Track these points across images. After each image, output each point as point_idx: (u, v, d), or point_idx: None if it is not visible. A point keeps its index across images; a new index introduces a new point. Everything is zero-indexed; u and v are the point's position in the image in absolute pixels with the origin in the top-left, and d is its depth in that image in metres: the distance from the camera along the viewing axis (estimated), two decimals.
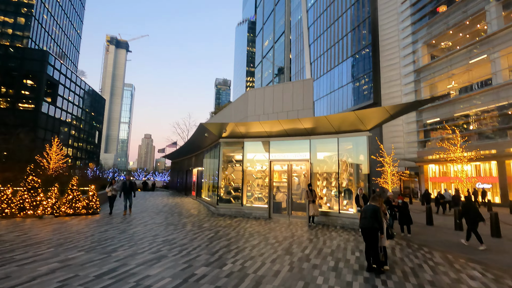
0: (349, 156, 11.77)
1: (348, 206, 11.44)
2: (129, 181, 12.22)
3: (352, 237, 8.77)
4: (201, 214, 12.99)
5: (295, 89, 16.14)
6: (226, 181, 14.54)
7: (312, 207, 10.95)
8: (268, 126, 12.19)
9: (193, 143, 19.41)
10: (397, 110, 9.20)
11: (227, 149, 14.47)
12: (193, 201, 19.25)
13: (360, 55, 44.27)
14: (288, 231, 9.52)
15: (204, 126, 12.75)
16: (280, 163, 13.20)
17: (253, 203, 13.36)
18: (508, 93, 24.34)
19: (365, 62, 43.45)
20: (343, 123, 10.89)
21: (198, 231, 8.88)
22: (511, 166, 24.20)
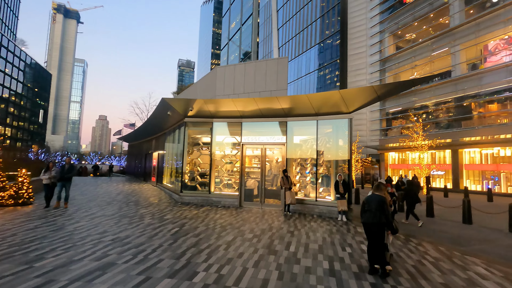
0: (329, 140, 10.96)
1: (325, 193, 10.72)
2: (68, 164, 9.89)
3: (334, 228, 7.99)
4: (162, 203, 11.40)
5: (269, 68, 14.86)
6: (191, 166, 13.00)
7: (288, 195, 10.00)
8: (242, 104, 10.83)
9: (153, 124, 17.31)
10: (386, 90, 8.44)
11: (193, 130, 12.85)
12: (153, 188, 17.38)
13: (329, 42, 44.12)
14: (264, 222, 8.46)
15: (167, 102, 10.97)
16: (253, 146, 12.01)
17: (222, 190, 12.09)
18: (464, 86, 25.66)
19: (333, 49, 43.44)
20: (325, 104, 9.94)
21: (159, 225, 7.40)
22: (463, 154, 25.88)
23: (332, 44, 43.48)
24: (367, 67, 36.81)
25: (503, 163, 23.08)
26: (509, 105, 22.97)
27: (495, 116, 24.18)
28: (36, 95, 78.20)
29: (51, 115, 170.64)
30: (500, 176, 23.15)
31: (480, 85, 24.52)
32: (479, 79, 24.70)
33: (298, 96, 10.17)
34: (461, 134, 25.23)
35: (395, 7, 33.26)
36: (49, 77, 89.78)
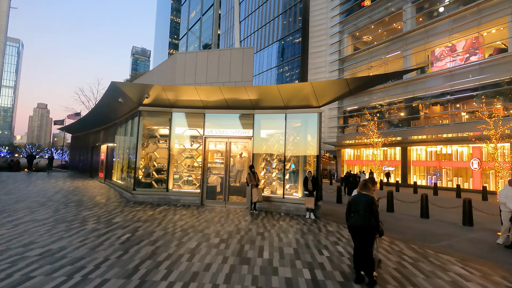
0: (297, 135, 10.53)
1: (293, 190, 10.30)
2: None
3: (305, 227, 7.55)
4: (111, 203, 9.96)
5: (234, 58, 14.00)
6: (146, 160, 11.64)
7: (255, 192, 9.35)
8: (205, 93, 9.85)
9: (102, 113, 15.33)
10: (358, 83, 8.19)
11: (149, 121, 11.49)
12: (101, 185, 15.47)
13: (290, 39, 44.46)
14: (230, 222, 7.69)
15: (118, 87, 9.51)
16: (217, 140, 11.11)
17: (181, 187, 11.00)
18: (414, 88, 27.56)
19: (294, 46, 43.89)
20: (295, 96, 9.44)
21: (105, 231, 6.19)
22: (411, 151, 27.91)
23: (293, 41, 43.86)
24: (327, 66, 37.76)
25: (445, 160, 25.33)
26: (451, 107, 25.20)
27: (438, 117, 26.40)
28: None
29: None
30: (442, 172, 25.39)
31: (427, 88, 26.52)
32: (426, 82, 26.69)
33: (267, 87, 9.52)
34: (409, 132, 27.11)
35: (354, 9, 34.47)
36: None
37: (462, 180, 23.94)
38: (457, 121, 24.62)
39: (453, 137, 24.11)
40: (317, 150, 9.74)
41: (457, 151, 24.63)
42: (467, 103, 24.36)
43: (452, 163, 24.84)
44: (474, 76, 23.04)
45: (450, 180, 24.73)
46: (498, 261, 5.53)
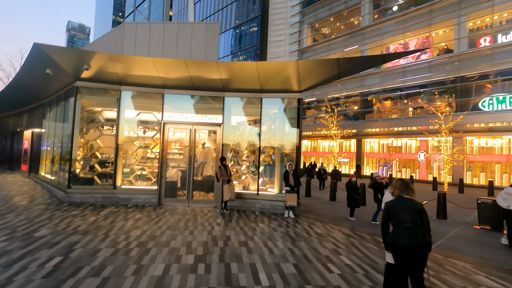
0: (273, 123, 9.30)
1: (268, 185, 9.12)
2: None
3: (291, 231, 6.42)
4: (35, 206, 7.59)
5: (196, 33, 12.18)
6: (86, 150, 9.32)
7: (227, 189, 7.92)
8: (166, 67, 7.97)
9: (24, 89, 12.12)
10: (350, 65, 7.21)
11: (89, 101, 9.14)
12: (24, 181, 12.39)
13: (249, 26, 42.86)
14: (200, 228, 6.18)
15: (45, 51, 7.07)
16: (179, 127, 9.32)
17: (133, 183, 9.02)
18: (369, 82, 28.47)
19: (253, 34, 42.42)
20: (274, 77, 8.14)
21: (21, 254, 4.22)
22: (365, 144, 29.00)
23: (252, 28, 42.36)
24: (285, 56, 37.17)
25: (395, 152, 26.78)
26: (403, 102, 26.58)
27: (391, 111, 27.72)
28: None
29: None
30: (392, 163, 26.84)
31: (381, 83, 27.56)
32: (380, 77, 27.71)
33: (244, 63, 8.08)
34: (365, 125, 28.05)
35: (314, 0, 34.24)
36: None
37: (409, 171, 25.57)
38: (408, 115, 26.07)
39: (403, 131, 25.51)
40: (297, 140, 8.66)
41: (406, 143, 26.18)
42: (417, 99, 25.88)
43: (401, 155, 26.36)
44: (423, 73, 24.46)
45: (399, 171, 26.26)
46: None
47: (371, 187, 7.85)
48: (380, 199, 7.61)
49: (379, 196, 7.64)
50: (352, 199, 8.03)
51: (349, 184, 8.15)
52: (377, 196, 7.68)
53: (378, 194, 7.68)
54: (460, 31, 22.75)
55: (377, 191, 7.74)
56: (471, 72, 22.18)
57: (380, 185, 7.81)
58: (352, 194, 8.04)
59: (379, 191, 7.72)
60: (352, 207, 8.11)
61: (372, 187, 7.83)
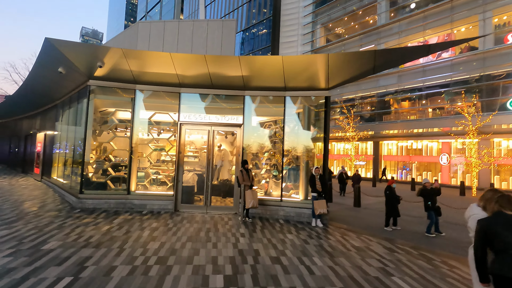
0: (298, 123, 8.63)
1: (292, 191, 8.42)
2: None
3: (324, 242, 5.71)
4: (46, 213, 7.11)
5: (212, 31, 11.66)
6: (99, 153, 8.86)
7: (250, 195, 7.26)
8: (183, 63, 7.42)
9: (37, 90, 11.82)
10: (387, 58, 6.47)
11: (103, 101, 8.68)
12: (36, 184, 12.07)
13: (260, 27, 42.42)
14: (224, 240, 5.54)
15: (56, 47, 6.61)
16: (196, 128, 8.75)
17: (147, 188, 8.47)
18: (385, 82, 27.46)
19: (264, 35, 41.94)
20: (300, 74, 7.47)
21: (26, 273, 3.66)
22: (383, 146, 27.92)
23: (263, 29, 41.90)
24: None
25: (415, 154, 25.62)
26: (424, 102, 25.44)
27: (408, 112, 26.60)
28: None
29: None
30: (412, 166, 25.68)
31: (399, 83, 26.51)
32: (397, 77, 26.66)
33: (269, 57, 7.46)
34: (382, 127, 27.00)
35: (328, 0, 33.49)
36: None
37: (431, 174, 24.37)
38: (428, 116, 24.92)
39: (424, 132, 24.37)
40: (324, 142, 7.95)
41: (427, 146, 25.01)
42: (438, 99, 24.72)
43: (422, 157, 25.18)
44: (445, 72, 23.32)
45: (419, 175, 25.07)
46: None
47: (420, 195, 7.06)
48: (432, 208, 6.84)
49: (430, 204, 6.84)
50: (393, 207, 7.26)
51: (389, 191, 7.36)
52: (428, 205, 6.89)
53: (429, 202, 6.88)
54: (485, 27, 21.58)
55: (427, 198, 6.95)
56: (498, 70, 20.97)
57: (430, 192, 7.02)
58: (393, 201, 7.26)
59: (430, 199, 6.92)
60: (393, 216, 7.34)
61: (422, 195, 7.05)
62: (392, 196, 7.27)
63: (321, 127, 8.23)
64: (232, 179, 10.79)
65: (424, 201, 7.03)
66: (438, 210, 6.94)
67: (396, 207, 7.26)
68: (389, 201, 7.28)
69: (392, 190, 7.32)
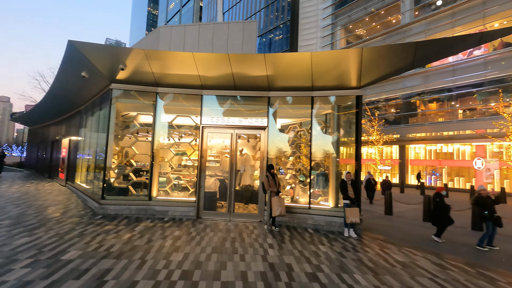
0: (325, 125, 8.10)
1: (320, 198, 7.85)
2: None
3: (363, 256, 5.11)
4: (68, 220, 6.96)
5: (232, 33, 11.42)
6: (121, 158, 8.72)
7: (277, 202, 6.77)
8: (205, 63, 7.11)
9: (62, 97, 12.02)
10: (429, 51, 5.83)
11: (125, 105, 8.55)
12: (61, 189, 12.19)
13: (278, 31, 42.20)
14: (252, 252, 5.08)
15: (79, 50, 6.51)
16: (219, 131, 8.41)
17: (169, 194, 8.20)
18: (411, 83, 26.19)
19: (282, 40, 41.67)
20: (331, 71, 6.95)
21: (43, 286, 3.37)
22: (409, 150, 26.54)
23: (281, 34, 41.65)
24: None
25: (445, 159, 24.11)
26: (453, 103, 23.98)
27: (439, 114, 25.16)
28: None
29: None
30: (442, 171, 24.15)
31: (426, 83, 25.18)
32: (423, 77, 25.35)
33: (297, 54, 6.98)
34: (408, 130, 25.71)
35: (348, 0, 32.72)
36: None
37: (464, 180, 22.80)
38: (458, 118, 23.42)
39: (455, 135, 22.90)
40: (356, 145, 7.36)
41: (458, 149, 23.46)
42: (469, 100, 23.21)
43: (453, 162, 23.64)
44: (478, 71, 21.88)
45: (451, 180, 23.52)
46: None
47: (475, 204, 6.31)
48: (488, 218, 6.06)
49: (487, 214, 6.07)
50: (443, 215, 6.53)
51: (439, 198, 6.63)
52: (484, 214, 6.13)
53: (485, 211, 6.11)
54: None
55: (483, 207, 6.18)
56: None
57: (486, 200, 6.25)
58: (444, 210, 6.53)
59: (486, 208, 6.15)
60: (445, 225, 6.61)
61: (477, 204, 6.29)
62: (442, 204, 6.54)
63: (351, 129, 7.65)
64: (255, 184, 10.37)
65: (480, 211, 6.24)
66: (498, 221, 6.11)
67: (447, 216, 6.52)
68: (438, 210, 6.55)
69: (442, 198, 6.59)
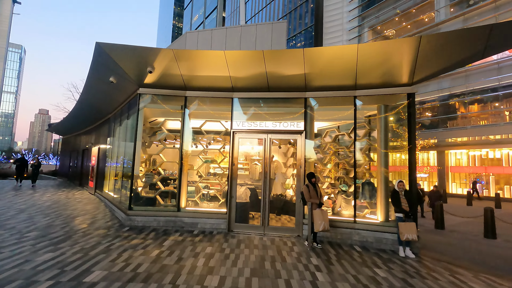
0: (371, 128, 7.23)
1: (367, 210, 6.92)
2: None
3: (434, 285, 4.16)
4: (95, 232, 6.58)
5: (261, 35, 10.93)
6: (149, 166, 8.35)
7: (320, 216, 5.96)
8: (237, 62, 6.56)
9: (91, 105, 12.06)
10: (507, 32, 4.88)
11: (153, 110, 8.18)
12: (90, 198, 12.12)
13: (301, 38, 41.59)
14: (296, 275, 4.32)
15: (106, 52, 6.22)
16: (250, 136, 7.79)
17: (198, 204, 7.65)
18: (450, 84, 24.33)
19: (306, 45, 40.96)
20: (380, 65, 6.11)
21: None
22: (449, 156, 24.49)
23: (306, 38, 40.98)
24: None
25: (492, 165, 21.89)
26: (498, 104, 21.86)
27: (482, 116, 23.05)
28: None
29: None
30: (489, 179, 21.91)
31: (466, 83, 23.25)
32: (465, 77, 23.43)
33: (341, 48, 6.22)
34: (448, 134, 23.76)
35: (376, 0, 31.48)
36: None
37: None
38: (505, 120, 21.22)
39: (504, 139, 20.73)
40: (411, 150, 6.42)
41: (508, 155, 21.21)
42: None
43: (501, 168, 21.38)
44: None
45: (500, 189, 21.23)
46: None
47: None
48: None
49: None
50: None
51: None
52: None
53: None
54: None
55: None
56: None
57: None
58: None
59: None
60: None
61: None
62: None
63: (401, 132, 6.72)
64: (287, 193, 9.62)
65: None
66: None
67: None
68: None
69: None
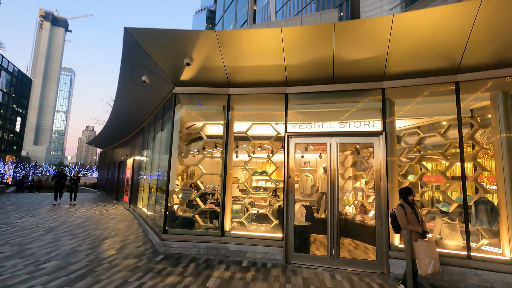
0: (481, 124, 5.31)
1: (484, 240, 4.92)
2: None
3: None
4: (124, 261, 5.35)
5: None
6: (186, 179, 7.09)
7: (428, 250, 4.12)
8: (297, 44, 5.08)
9: (124, 111, 11.33)
10: None
11: (190, 113, 6.94)
12: (124, 214, 11.22)
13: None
14: None
15: (134, 38, 5.12)
16: (310, 141, 6.24)
17: (245, 226, 6.15)
18: None
19: None
20: (505, 34, 4.30)
21: None
22: None
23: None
24: None
25: None
26: None
27: None
28: (12, 101, 71.28)
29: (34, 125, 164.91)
30: None
31: None
32: None
33: (457, 6, 4.49)
34: None
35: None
36: (29, 83, 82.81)
37: None
38: None
39: None
40: None
41: None
42: None
43: None
44: None
45: None
46: None
47: None
48: None
49: None
50: None
51: None
52: None
53: None
54: None
55: None
56: None
57: None
58: None
59: None
60: None
61: None
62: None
63: None
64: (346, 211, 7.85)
65: None
66: None
67: None
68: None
69: None
